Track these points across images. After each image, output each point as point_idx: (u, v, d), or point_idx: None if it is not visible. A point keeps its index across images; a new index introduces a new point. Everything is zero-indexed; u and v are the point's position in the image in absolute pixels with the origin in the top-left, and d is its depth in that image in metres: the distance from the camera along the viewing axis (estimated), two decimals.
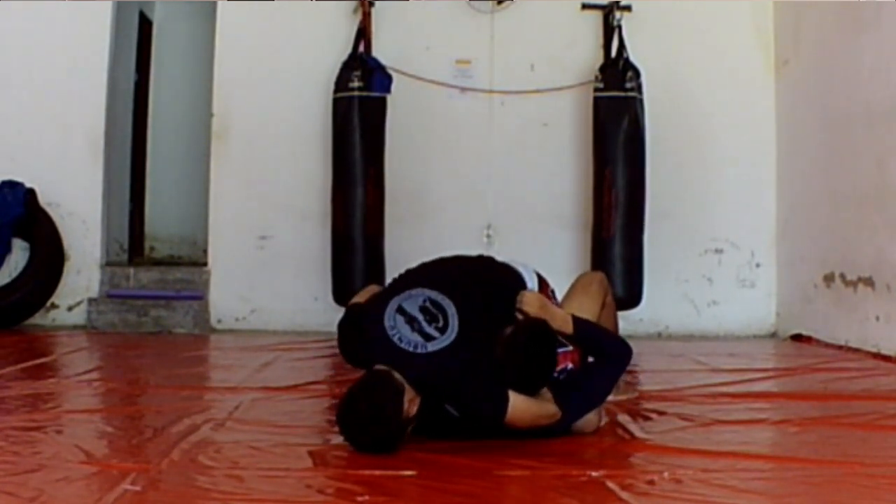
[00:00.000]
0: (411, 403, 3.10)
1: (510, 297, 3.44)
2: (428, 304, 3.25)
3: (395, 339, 3.17)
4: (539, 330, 3.30)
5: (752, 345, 6.89)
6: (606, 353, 3.54)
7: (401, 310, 3.24)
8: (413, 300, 3.27)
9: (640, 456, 3.29)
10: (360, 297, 3.57)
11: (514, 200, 7.35)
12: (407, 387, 3.10)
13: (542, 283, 3.71)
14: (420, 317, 3.22)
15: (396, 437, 3.11)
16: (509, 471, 2.96)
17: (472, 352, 3.20)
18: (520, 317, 3.37)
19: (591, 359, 3.58)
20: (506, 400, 3.17)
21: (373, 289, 3.71)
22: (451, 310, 3.24)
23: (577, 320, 3.48)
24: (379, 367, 3.14)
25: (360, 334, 3.29)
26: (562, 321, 3.44)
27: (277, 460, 3.12)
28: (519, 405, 3.20)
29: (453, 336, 3.19)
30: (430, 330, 3.19)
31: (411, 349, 3.16)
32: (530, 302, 3.41)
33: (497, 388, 3.18)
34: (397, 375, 3.10)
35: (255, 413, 3.92)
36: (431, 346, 3.16)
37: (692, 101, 7.35)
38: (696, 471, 2.96)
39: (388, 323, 3.21)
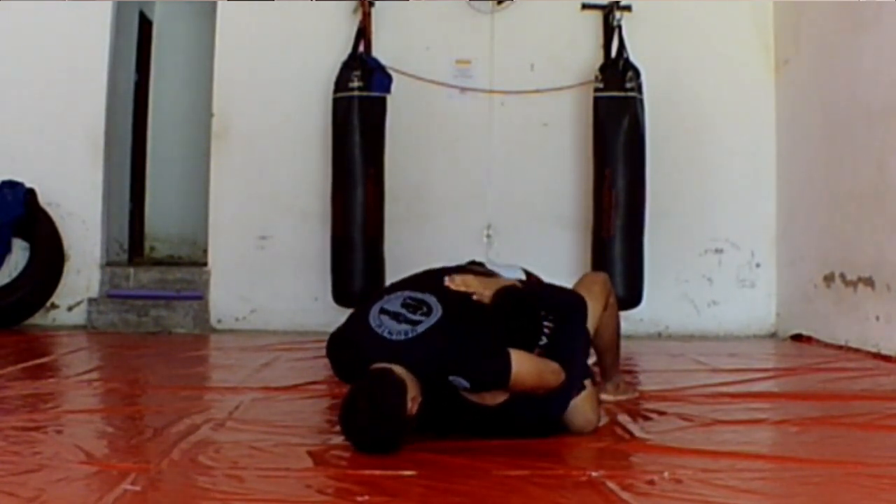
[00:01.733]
0: (413, 402, 3.11)
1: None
2: (409, 300, 3.30)
3: (385, 333, 3.20)
4: (517, 292, 3.39)
5: (752, 345, 6.89)
6: (560, 305, 3.57)
7: (383, 310, 3.28)
8: (393, 301, 3.32)
9: (640, 456, 3.29)
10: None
11: (514, 200, 7.35)
12: (409, 384, 3.10)
13: (531, 279, 3.73)
14: (403, 311, 3.27)
15: (398, 436, 3.11)
16: (509, 471, 2.95)
17: (461, 322, 3.25)
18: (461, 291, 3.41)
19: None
20: (508, 356, 3.20)
21: None
22: (432, 299, 3.30)
23: (523, 281, 3.55)
24: (379, 365, 3.15)
25: (349, 345, 3.30)
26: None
27: (277, 460, 3.12)
28: (523, 360, 3.23)
29: (439, 314, 3.24)
30: (416, 317, 3.24)
31: (403, 337, 3.19)
32: (469, 281, 3.43)
33: (497, 347, 3.22)
34: (398, 371, 3.11)
35: (255, 413, 3.92)
36: (420, 328, 3.20)
37: (692, 100, 7.35)
38: (696, 471, 2.96)
39: (373, 323, 3.25)
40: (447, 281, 3.41)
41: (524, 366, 3.23)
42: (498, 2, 7.33)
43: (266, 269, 7.29)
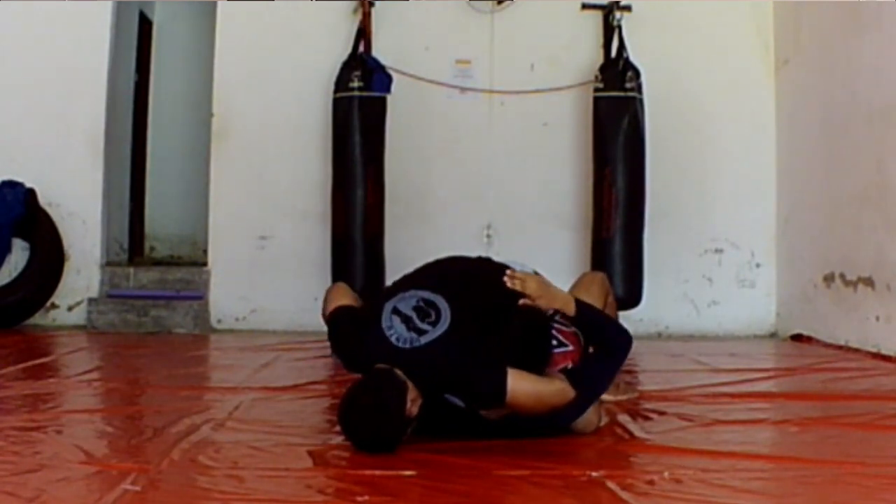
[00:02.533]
0: (413, 403, 3.11)
1: (504, 292, 3.43)
2: (421, 303, 3.27)
3: (393, 339, 3.19)
4: (535, 320, 3.34)
5: (752, 345, 6.89)
6: (607, 339, 3.49)
7: (396, 311, 3.26)
8: (407, 301, 3.29)
9: (640, 456, 3.29)
10: (338, 300, 3.54)
11: (514, 200, 7.35)
12: (410, 386, 3.11)
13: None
14: (414, 315, 3.24)
15: (397, 436, 3.12)
16: (509, 471, 2.95)
17: (465, 337, 3.21)
18: (516, 289, 3.35)
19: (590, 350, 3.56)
20: (504, 376, 3.13)
21: (340, 287, 3.68)
22: (443, 305, 3.26)
23: (579, 303, 3.46)
24: (381, 365, 3.15)
25: (357, 338, 3.30)
26: (563, 303, 3.40)
27: (277, 460, 3.12)
28: (520, 382, 3.15)
29: (445, 326, 3.20)
30: (423, 325, 3.21)
31: (407, 346, 3.17)
32: (528, 283, 3.38)
33: (494, 367, 3.16)
34: (399, 373, 3.11)
35: (255, 413, 3.92)
36: (424, 339, 3.18)
37: (692, 101, 7.35)
38: (696, 471, 2.95)
39: (385, 324, 3.23)
40: (506, 277, 3.35)
41: (521, 386, 3.15)
42: (498, 2, 7.33)
43: (266, 269, 7.29)
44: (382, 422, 3.07)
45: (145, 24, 8.69)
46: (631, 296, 6.69)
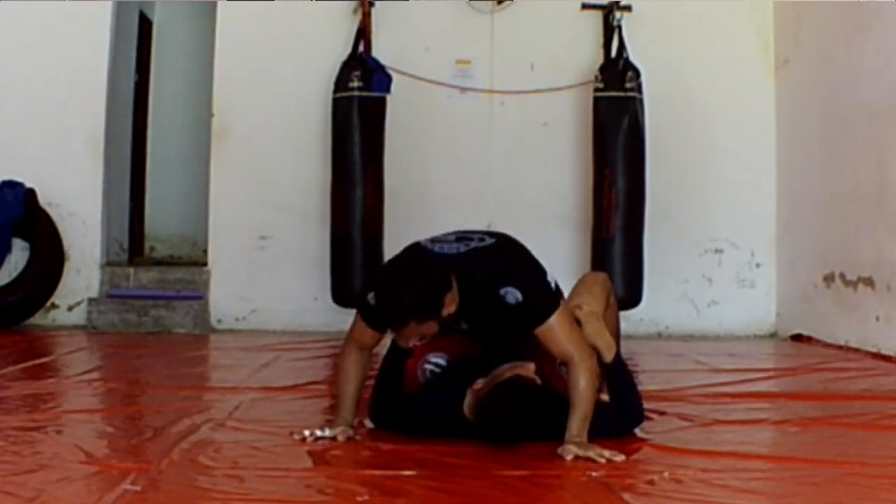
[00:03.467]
0: (451, 303, 3.04)
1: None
2: (460, 235, 3.29)
3: (437, 249, 3.17)
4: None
5: (752, 345, 6.89)
6: (624, 400, 3.50)
7: (435, 239, 3.26)
8: (444, 236, 3.30)
9: (640, 456, 3.29)
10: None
11: (514, 200, 7.35)
12: (453, 285, 3.05)
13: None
14: (455, 239, 3.25)
15: (429, 310, 2.99)
16: (509, 471, 2.95)
17: (518, 249, 3.27)
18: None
19: (605, 397, 3.53)
20: (558, 298, 3.21)
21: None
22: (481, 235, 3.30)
23: (618, 357, 3.51)
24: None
25: (398, 263, 3.23)
26: (606, 345, 3.46)
27: (277, 460, 3.12)
28: (564, 315, 3.20)
29: (493, 240, 3.25)
30: (470, 239, 3.23)
31: (459, 251, 3.15)
32: (584, 309, 3.45)
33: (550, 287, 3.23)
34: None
35: (255, 413, 3.92)
36: (475, 244, 3.19)
37: (692, 101, 7.35)
38: (696, 471, 2.95)
39: (427, 246, 3.22)
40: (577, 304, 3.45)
41: (562, 321, 3.17)
42: (498, 2, 7.33)
43: (266, 269, 7.29)
44: (420, 289, 2.98)
45: (145, 24, 8.69)
46: (631, 296, 6.69)
